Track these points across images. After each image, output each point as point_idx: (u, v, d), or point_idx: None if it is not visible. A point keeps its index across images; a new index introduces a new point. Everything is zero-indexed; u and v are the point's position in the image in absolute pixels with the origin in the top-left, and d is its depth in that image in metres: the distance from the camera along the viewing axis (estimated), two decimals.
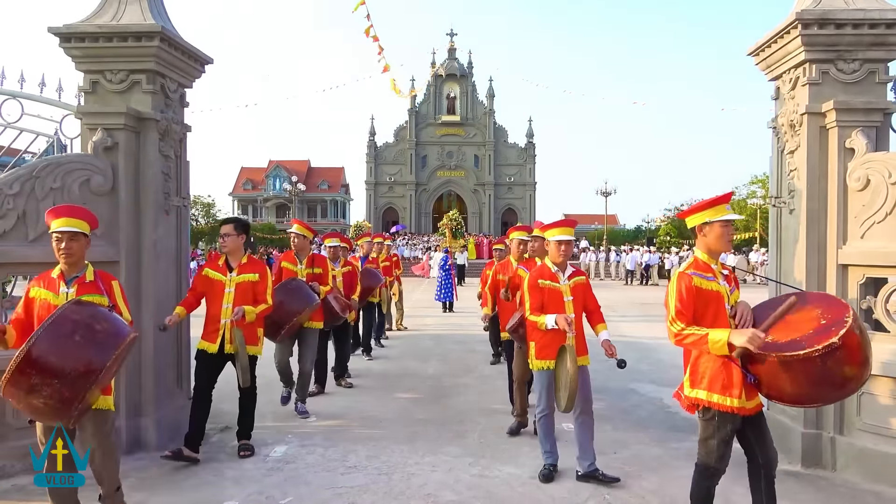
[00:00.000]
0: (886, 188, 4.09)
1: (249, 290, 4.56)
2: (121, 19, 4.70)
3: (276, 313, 5.02)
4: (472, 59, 60.04)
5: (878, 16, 4.25)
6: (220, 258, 4.67)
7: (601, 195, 39.02)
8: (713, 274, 3.03)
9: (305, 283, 5.62)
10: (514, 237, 5.99)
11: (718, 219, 3.01)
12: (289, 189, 42.99)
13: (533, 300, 4.11)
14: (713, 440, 2.99)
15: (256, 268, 4.64)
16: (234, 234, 4.57)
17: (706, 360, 2.97)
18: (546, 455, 4.26)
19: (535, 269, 4.24)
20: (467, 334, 11.19)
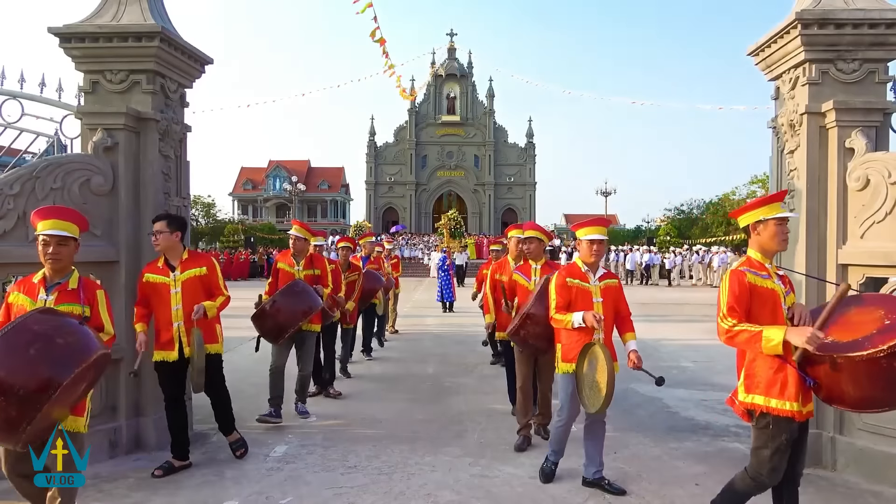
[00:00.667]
0: (886, 188, 4.09)
1: (198, 285, 4.27)
2: (121, 19, 4.70)
3: (282, 316, 4.94)
4: (471, 59, 60.15)
5: (878, 16, 4.25)
6: (158, 260, 4.30)
7: (601, 195, 39.08)
8: (768, 273, 2.94)
9: (310, 286, 5.41)
10: (512, 236, 5.92)
11: (773, 216, 2.94)
12: (289, 189, 43.03)
13: (560, 299, 3.91)
14: (766, 450, 2.84)
15: (201, 261, 4.35)
16: (167, 232, 4.17)
17: (762, 363, 2.85)
18: (552, 453, 4.16)
19: (563, 268, 4.06)
20: (467, 334, 11.19)
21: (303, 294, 5.27)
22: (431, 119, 59.52)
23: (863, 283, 4.25)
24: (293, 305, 5.11)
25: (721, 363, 8.61)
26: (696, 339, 10.88)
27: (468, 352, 9.42)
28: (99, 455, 4.31)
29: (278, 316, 5.06)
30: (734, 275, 2.90)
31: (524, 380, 4.97)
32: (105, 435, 4.48)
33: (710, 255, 28.29)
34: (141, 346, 4.13)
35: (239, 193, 64.19)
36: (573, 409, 3.99)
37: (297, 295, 5.22)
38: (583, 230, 3.99)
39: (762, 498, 3.02)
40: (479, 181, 59.29)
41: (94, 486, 3.91)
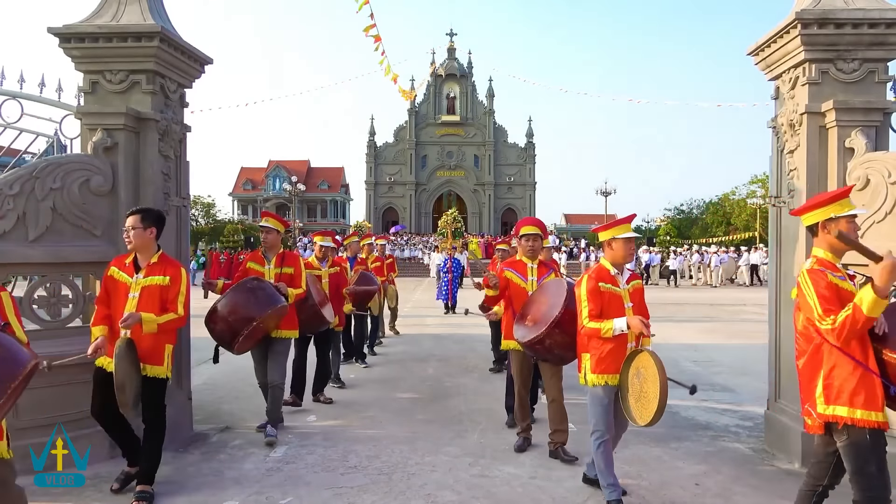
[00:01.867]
0: (886, 188, 4.08)
1: (157, 296, 3.71)
2: (120, 19, 4.70)
3: (231, 317, 4.41)
4: (471, 59, 60.18)
5: (878, 15, 4.25)
6: (128, 255, 3.85)
7: (601, 195, 39.05)
8: (843, 273, 2.79)
9: (269, 284, 4.77)
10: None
11: (844, 214, 2.78)
12: (289, 189, 43.00)
13: (593, 306, 3.59)
14: (871, 467, 2.58)
15: (168, 269, 3.78)
16: (139, 228, 3.71)
17: (842, 371, 2.63)
18: (610, 490, 3.59)
19: (592, 272, 3.70)
20: (467, 334, 11.19)
21: (256, 292, 4.58)
22: (431, 119, 59.54)
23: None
24: (246, 305, 4.49)
25: (721, 363, 8.61)
26: (697, 339, 10.88)
27: (468, 352, 9.42)
28: (99, 455, 4.31)
29: (229, 317, 4.46)
30: (816, 274, 2.70)
31: (524, 383, 4.83)
32: (105, 435, 4.46)
33: (709, 255, 28.28)
34: (93, 352, 3.61)
35: (239, 193, 64.17)
36: (610, 424, 3.61)
37: (251, 292, 4.57)
38: (618, 228, 3.72)
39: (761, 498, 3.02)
40: (479, 181, 59.30)
41: (93, 486, 3.91)
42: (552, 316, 4.06)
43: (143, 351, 3.66)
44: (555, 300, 4.18)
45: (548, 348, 4.18)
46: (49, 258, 4.37)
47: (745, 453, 4.75)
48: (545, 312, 4.20)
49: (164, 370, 3.78)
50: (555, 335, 4.06)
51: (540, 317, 4.23)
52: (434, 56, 56.99)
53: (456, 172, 59.68)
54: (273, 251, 5.17)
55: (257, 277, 4.83)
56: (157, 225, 3.82)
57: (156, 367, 3.73)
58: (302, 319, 5.36)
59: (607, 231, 3.75)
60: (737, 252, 30.90)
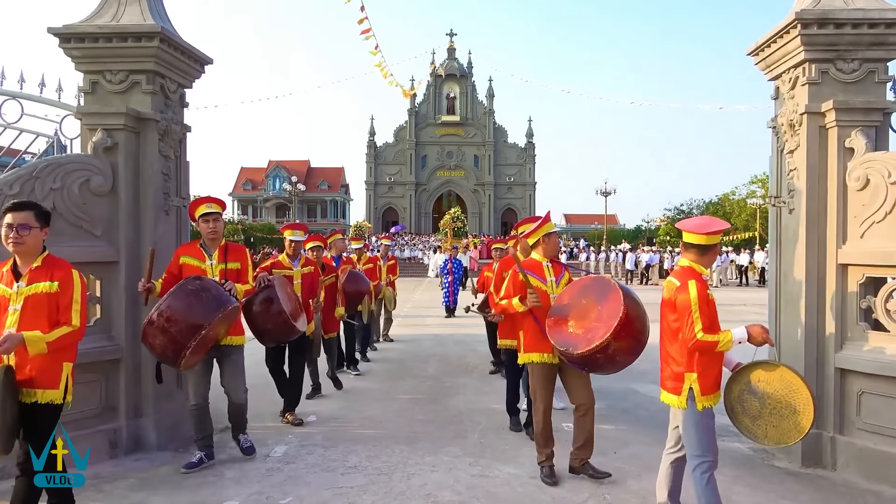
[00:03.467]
0: (886, 188, 4.09)
1: (45, 307, 2.97)
2: (120, 20, 4.70)
3: (173, 327, 3.68)
4: (471, 60, 60.22)
5: (878, 15, 4.25)
6: (6, 262, 3.08)
7: (601, 195, 39.04)
8: None
9: (214, 283, 4.08)
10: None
11: None
12: (289, 189, 43.03)
13: (710, 315, 3.11)
14: None
15: (57, 272, 3.02)
16: (36, 227, 3.01)
17: None
18: None
19: (698, 278, 3.17)
20: (467, 334, 11.19)
21: (201, 294, 3.86)
22: (431, 119, 59.59)
23: (862, 283, 4.26)
24: (189, 311, 3.74)
25: None
26: None
27: (468, 352, 9.42)
28: (99, 455, 4.31)
29: (171, 328, 3.70)
30: None
31: (548, 402, 4.19)
32: (105, 435, 4.48)
33: None
34: None
35: (239, 193, 64.19)
36: (714, 446, 3.21)
37: (194, 295, 3.83)
38: (713, 230, 3.20)
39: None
40: (479, 181, 59.33)
41: (94, 487, 3.91)
42: (615, 318, 3.53)
43: (34, 371, 2.93)
44: (608, 300, 3.67)
45: (611, 356, 3.63)
46: None
47: (745, 453, 4.75)
48: (602, 315, 3.65)
49: (60, 394, 3.01)
50: (621, 340, 3.57)
51: (594, 321, 3.68)
52: (434, 56, 57.06)
53: (456, 172, 59.71)
54: (216, 243, 4.42)
55: (199, 276, 4.06)
56: (49, 224, 3.15)
57: (49, 392, 2.97)
58: (269, 328, 4.79)
59: (701, 229, 3.25)
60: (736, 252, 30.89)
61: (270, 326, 4.80)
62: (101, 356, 4.44)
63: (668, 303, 3.22)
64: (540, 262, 4.31)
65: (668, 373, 3.27)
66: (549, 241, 4.36)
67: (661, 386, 3.34)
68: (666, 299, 3.23)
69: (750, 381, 3.24)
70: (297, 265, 5.69)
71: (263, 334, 4.91)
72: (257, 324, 4.81)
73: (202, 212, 4.38)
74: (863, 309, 4.25)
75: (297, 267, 5.68)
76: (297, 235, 5.71)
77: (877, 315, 4.19)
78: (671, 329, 3.21)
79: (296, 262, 5.70)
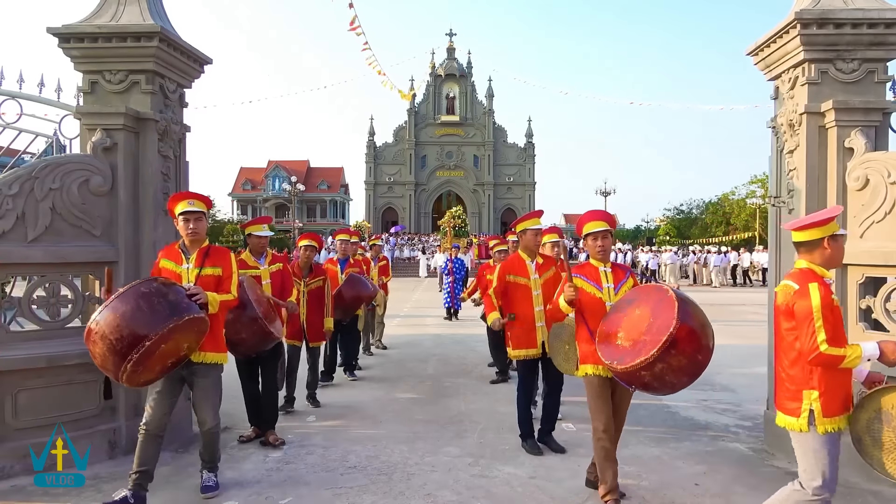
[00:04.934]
0: (885, 188, 4.09)
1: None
2: (120, 20, 4.70)
3: (112, 334, 3.18)
4: (471, 59, 60.20)
5: (877, 15, 4.25)
6: None
7: (601, 195, 39.04)
8: None
9: (177, 288, 3.51)
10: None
11: None
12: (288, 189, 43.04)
13: (835, 324, 2.70)
14: None
15: None
16: None
17: None
18: None
19: (820, 281, 2.76)
20: (467, 334, 11.19)
21: (152, 298, 3.31)
22: (431, 119, 59.55)
23: (862, 283, 4.26)
24: (134, 317, 3.22)
25: (721, 363, 8.59)
26: None
27: (468, 352, 9.42)
28: (99, 455, 4.31)
29: (110, 335, 3.18)
30: None
31: (606, 422, 3.70)
32: (105, 435, 4.47)
33: (706, 255, 28.15)
34: None
35: (238, 193, 64.14)
36: (835, 480, 2.81)
37: (144, 299, 3.29)
38: (827, 226, 2.81)
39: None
40: (479, 181, 59.30)
41: (93, 487, 3.91)
42: (665, 333, 3.12)
43: None
44: (662, 312, 3.26)
45: (658, 374, 3.20)
46: (48, 258, 4.37)
47: (744, 453, 4.75)
48: (653, 328, 3.25)
49: None
50: (669, 357, 3.15)
51: (642, 334, 3.29)
52: (434, 56, 57.05)
53: (455, 172, 59.68)
54: (196, 245, 3.87)
55: (160, 278, 3.59)
56: None
57: None
58: (243, 338, 4.38)
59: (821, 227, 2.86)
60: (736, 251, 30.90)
61: (245, 335, 4.35)
62: None
63: (783, 310, 2.79)
64: (596, 266, 3.83)
65: (785, 391, 2.84)
66: (524, 237, 4.70)
67: (778, 407, 2.91)
68: (781, 306, 2.81)
69: (881, 407, 2.73)
70: (263, 263, 5.11)
71: (238, 345, 4.41)
72: (229, 334, 4.18)
73: (181, 209, 3.84)
74: (862, 309, 4.25)
75: (263, 265, 5.09)
76: (265, 230, 5.21)
77: (876, 315, 4.19)
78: (787, 340, 2.81)
79: (262, 260, 5.12)
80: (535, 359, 4.69)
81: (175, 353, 3.45)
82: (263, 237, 5.16)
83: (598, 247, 3.83)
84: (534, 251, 4.77)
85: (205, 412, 3.83)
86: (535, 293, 4.65)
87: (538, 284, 4.66)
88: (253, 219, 5.35)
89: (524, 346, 4.67)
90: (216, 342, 3.78)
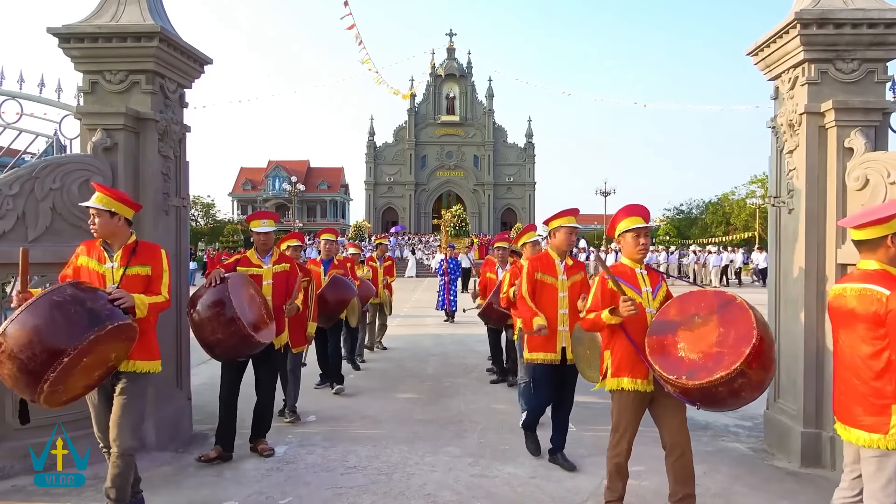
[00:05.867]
0: (885, 188, 4.08)
1: None
2: (120, 20, 4.70)
3: (23, 352, 2.73)
4: (471, 59, 60.19)
5: (877, 15, 4.26)
6: None
7: (601, 195, 39.03)
8: None
9: (97, 294, 3.04)
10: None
11: None
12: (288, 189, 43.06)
13: None
14: None
15: None
16: None
17: None
18: None
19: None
20: (467, 334, 11.20)
21: (67, 307, 2.88)
22: (431, 119, 59.54)
23: None
24: (49, 330, 2.80)
25: None
26: None
27: (468, 352, 9.42)
28: (99, 455, 4.29)
29: (20, 354, 2.74)
30: None
31: (631, 440, 3.46)
32: None
33: (705, 254, 28.13)
34: None
35: (238, 193, 64.16)
36: None
37: (58, 309, 2.86)
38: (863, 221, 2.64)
39: None
40: (479, 181, 59.29)
41: (93, 487, 3.90)
42: (747, 344, 2.85)
43: None
44: (735, 321, 3.00)
45: (736, 390, 2.90)
46: (49, 258, 4.36)
47: (744, 453, 4.75)
48: (727, 338, 2.97)
49: None
50: (750, 371, 2.86)
51: (715, 345, 2.99)
52: (434, 56, 57.04)
53: (455, 172, 59.67)
54: (118, 240, 3.35)
55: (75, 283, 3.09)
56: None
57: None
58: (219, 339, 3.97)
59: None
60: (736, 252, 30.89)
61: (221, 336, 3.94)
62: None
63: (868, 316, 2.51)
64: (632, 268, 3.53)
65: (867, 406, 2.55)
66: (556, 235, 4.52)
67: (847, 421, 2.63)
68: (863, 312, 2.53)
69: None
70: (267, 262, 4.69)
71: (213, 347, 4.03)
72: (204, 333, 3.95)
73: (89, 203, 3.34)
74: None
75: (267, 264, 4.68)
76: (264, 226, 4.70)
77: None
78: (869, 349, 2.53)
79: (266, 259, 4.70)
80: (552, 364, 4.41)
81: (101, 366, 3.04)
82: (264, 233, 4.72)
83: (642, 245, 3.49)
84: (564, 251, 4.51)
85: (121, 430, 3.18)
86: (561, 295, 4.40)
87: (565, 286, 4.42)
88: (254, 212, 4.94)
89: (542, 349, 4.40)
90: (147, 349, 3.34)
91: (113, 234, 3.34)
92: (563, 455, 4.48)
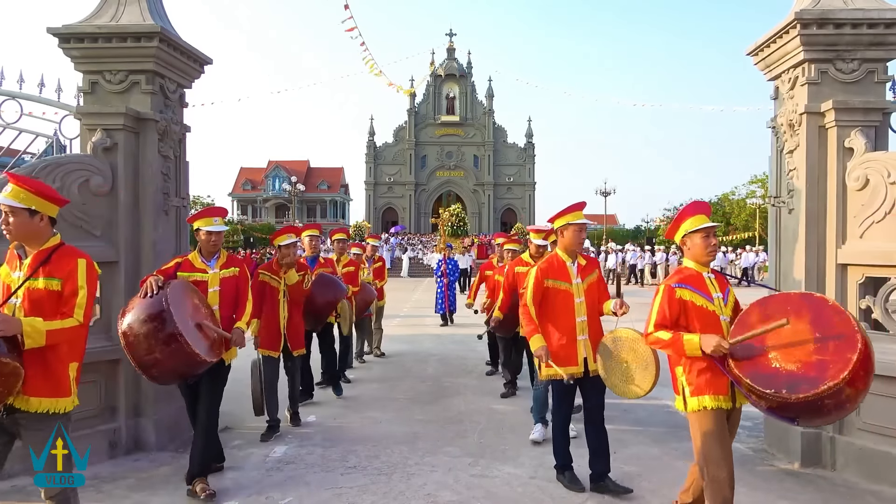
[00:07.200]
0: (885, 188, 4.09)
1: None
2: (120, 20, 4.70)
3: None
4: (471, 60, 60.19)
5: (877, 15, 4.26)
6: None
7: (600, 195, 39.00)
8: None
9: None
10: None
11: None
12: (288, 189, 43.03)
13: None
14: None
15: None
16: None
17: None
18: None
19: None
20: (467, 334, 11.18)
21: None
22: (431, 119, 59.52)
23: (862, 283, 4.26)
24: None
25: None
26: None
27: (467, 352, 9.42)
28: (99, 455, 4.31)
29: None
30: None
31: (731, 470, 3.00)
32: (105, 435, 4.48)
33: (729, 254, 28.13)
34: None
35: (238, 194, 64.15)
36: None
37: None
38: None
39: None
40: (479, 181, 59.28)
41: (93, 487, 3.91)
42: (853, 350, 2.59)
43: None
44: (831, 325, 2.72)
45: (842, 402, 2.63)
46: None
47: (745, 453, 4.75)
48: (827, 345, 2.68)
49: None
50: (857, 379, 2.61)
51: (814, 353, 2.69)
52: (434, 56, 57.03)
53: (455, 173, 59.65)
54: (35, 243, 2.75)
55: None
56: None
57: None
58: (157, 359, 3.32)
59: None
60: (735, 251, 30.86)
61: (159, 356, 3.29)
62: (100, 356, 4.43)
63: None
64: (699, 272, 3.14)
65: None
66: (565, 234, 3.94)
67: None
68: None
69: None
70: (213, 266, 4.05)
71: (149, 368, 3.35)
72: (137, 352, 3.30)
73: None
74: (862, 309, 4.25)
75: (214, 268, 4.03)
76: (214, 225, 4.05)
77: (876, 315, 4.19)
78: None
79: (212, 262, 4.06)
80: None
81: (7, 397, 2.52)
82: (214, 233, 4.05)
83: (712, 245, 3.13)
84: (575, 251, 3.98)
85: (36, 457, 2.77)
86: (578, 300, 3.90)
87: (581, 290, 3.93)
88: (201, 210, 4.30)
89: (563, 363, 3.84)
90: (52, 384, 2.67)
91: (32, 237, 2.72)
92: (612, 480, 3.91)
